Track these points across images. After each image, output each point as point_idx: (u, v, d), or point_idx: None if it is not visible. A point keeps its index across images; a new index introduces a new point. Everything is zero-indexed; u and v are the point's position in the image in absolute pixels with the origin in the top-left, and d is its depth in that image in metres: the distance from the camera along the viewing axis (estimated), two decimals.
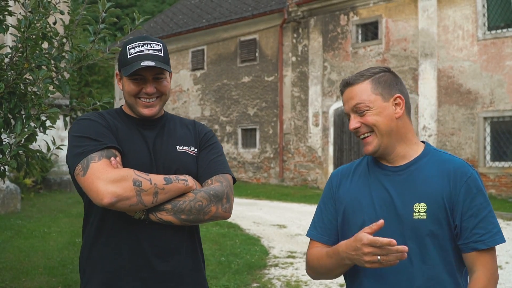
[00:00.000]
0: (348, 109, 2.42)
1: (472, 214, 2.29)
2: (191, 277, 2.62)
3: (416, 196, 2.32)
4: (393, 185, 2.39)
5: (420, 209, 2.30)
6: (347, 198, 2.50)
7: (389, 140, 2.39)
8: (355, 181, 2.52)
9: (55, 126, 4.16)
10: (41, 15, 3.81)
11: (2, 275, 7.64)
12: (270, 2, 25.81)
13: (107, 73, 38.47)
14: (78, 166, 2.40)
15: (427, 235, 2.29)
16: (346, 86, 2.44)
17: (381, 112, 2.37)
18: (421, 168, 2.39)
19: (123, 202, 2.31)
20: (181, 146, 2.67)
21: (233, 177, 2.72)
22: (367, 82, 2.41)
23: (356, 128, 2.39)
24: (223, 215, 2.55)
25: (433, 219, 2.29)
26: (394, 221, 2.33)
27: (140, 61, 2.51)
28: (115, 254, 2.50)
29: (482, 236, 2.28)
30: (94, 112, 2.67)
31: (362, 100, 2.38)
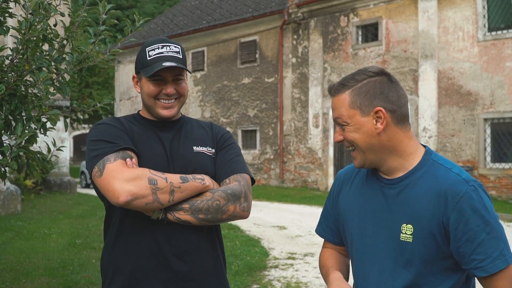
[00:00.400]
0: (333, 119, 2.27)
1: (468, 238, 2.06)
2: (212, 278, 2.61)
3: (404, 216, 2.15)
4: (386, 199, 2.23)
5: (407, 231, 2.13)
6: (343, 204, 2.41)
7: (375, 155, 2.21)
8: (353, 187, 2.39)
9: (56, 128, 4.17)
10: (41, 17, 3.81)
11: (2, 276, 7.64)
12: (270, 3, 25.83)
13: (108, 74, 38.54)
14: (95, 168, 2.42)
15: (412, 257, 2.13)
16: (331, 95, 2.27)
17: (359, 129, 2.17)
18: (414, 183, 2.18)
19: (139, 201, 2.32)
20: (198, 147, 2.68)
21: (252, 178, 2.72)
22: (347, 93, 2.20)
23: (339, 141, 2.24)
24: (241, 214, 2.54)
25: (419, 243, 2.11)
26: (380, 239, 2.21)
27: (161, 62, 2.55)
28: (134, 255, 2.51)
29: (481, 262, 2.05)
30: (111, 117, 2.69)
31: (340, 114, 2.20)
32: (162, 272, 2.49)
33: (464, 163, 18.62)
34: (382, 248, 2.20)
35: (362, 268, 2.28)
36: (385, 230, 2.20)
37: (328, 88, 2.30)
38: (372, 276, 2.23)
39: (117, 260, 2.56)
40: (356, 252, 2.29)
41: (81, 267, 8.23)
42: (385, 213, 2.21)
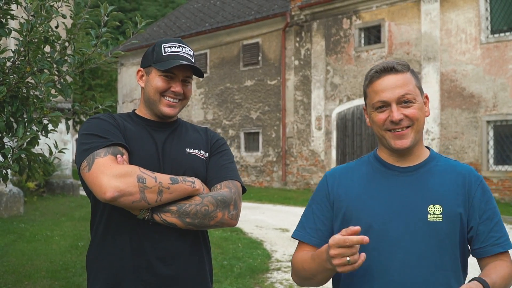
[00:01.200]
0: (391, 97, 2.23)
1: (488, 217, 2.25)
2: (195, 284, 2.58)
3: (430, 198, 2.23)
4: (403, 185, 2.28)
5: (436, 211, 2.20)
6: (349, 198, 2.35)
7: (419, 137, 2.31)
8: (357, 181, 2.38)
9: (58, 130, 4.16)
10: (43, 19, 3.81)
11: (5, 278, 7.64)
12: (273, 6, 25.84)
13: (110, 77, 38.53)
14: (84, 162, 2.40)
15: (443, 237, 2.20)
16: (388, 72, 2.26)
17: (421, 108, 2.27)
18: (431, 170, 2.31)
19: (126, 198, 2.29)
20: (191, 149, 2.66)
21: (243, 186, 2.69)
22: (409, 73, 2.29)
23: (401, 119, 2.22)
24: (229, 222, 2.51)
25: (449, 222, 2.21)
26: (406, 223, 2.22)
27: (178, 60, 2.56)
28: (118, 255, 2.49)
29: (499, 239, 2.24)
30: (105, 113, 2.68)
31: (410, 91, 2.24)
32: (145, 274, 2.47)
33: None
34: (408, 231, 2.21)
35: (381, 258, 2.23)
36: (409, 215, 2.23)
37: (381, 66, 2.29)
38: (396, 262, 2.20)
39: (101, 258, 2.54)
40: (374, 242, 2.16)
41: (84, 269, 8.22)
42: (408, 198, 2.25)
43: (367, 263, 2.17)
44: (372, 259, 2.22)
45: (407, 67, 2.29)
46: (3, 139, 3.80)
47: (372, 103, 2.29)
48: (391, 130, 2.26)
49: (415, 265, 2.18)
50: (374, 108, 2.28)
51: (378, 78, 2.27)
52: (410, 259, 2.19)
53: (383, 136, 2.29)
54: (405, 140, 2.24)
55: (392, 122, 2.23)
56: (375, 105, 2.27)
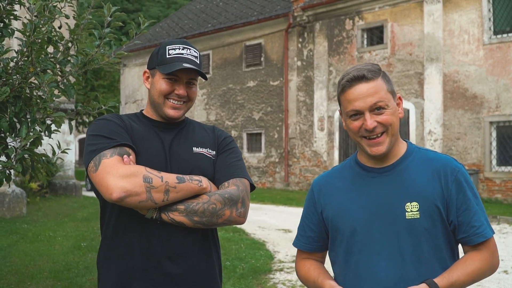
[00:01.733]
0: (363, 106, 2.26)
1: (466, 208, 2.28)
2: (204, 282, 2.59)
3: (407, 196, 2.29)
4: (381, 186, 2.35)
5: (413, 208, 2.26)
6: (334, 204, 2.45)
7: (395, 139, 2.34)
8: (340, 187, 2.47)
9: (61, 130, 4.17)
10: (46, 19, 3.81)
11: (7, 279, 7.65)
12: (275, 6, 25.85)
13: (113, 77, 38.59)
14: (91, 163, 2.41)
15: (421, 233, 2.26)
16: (359, 80, 2.28)
17: (394, 113, 2.31)
18: (408, 167, 2.36)
19: (133, 198, 2.30)
20: (198, 148, 2.66)
21: (251, 184, 2.69)
22: (381, 78, 2.32)
23: (375, 126, 2.27)
24: (237, 219, 2.51)
25: (426, 217, 2.26)
26: (386, 222, 2.29)
27: (181, 62, 2.55)
28: (128, 254, 2.49)
29: (479, 228, 2.28)
30: (112, 114, 2.69)
31: (382, 98, 2.27)
32: (154, 273, 2.48)
33: (469, 167, 18.58)
34: (389, 232, 2.29)
35: (368, 259, 2.32)
36: (389, 215, 2.30)
37: (351, 76, 2.30)
38: (382, 263, 2.28)
39: (111, 258, 2.55)
40: (360, 244, 2.33)
41: (86, 270, 8.23)
42: (386, 199, 2.32)
43: (356, 266, 2.34)
44: (360, 261, 2.34)
45: (378, 72, 2.32)
46: (6, 139, 3.80)
47: (346, 111, 2.34)
48: (366, 137, 2.31)
49: (399, 262, 2.26)
50: (348, 116, 2.33)
51: (350, 87, 2.30)
52: (394, 257, 2.27)
53: (359, 143, 2.36)
54: (381, 146, 2.30)
55: (366, 130, 2.29)
56: (349, 113, 2.32)
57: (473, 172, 18.14)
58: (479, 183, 18.38)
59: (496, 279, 8.05)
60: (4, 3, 3.90)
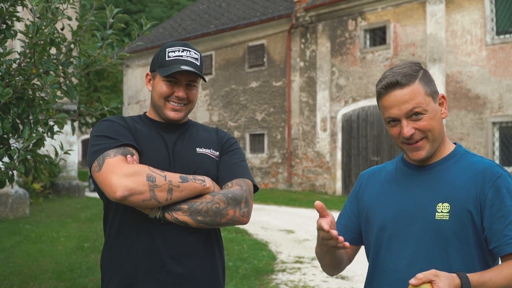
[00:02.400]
0: (399, 113, 2.22)
1: (502, 215, 2.16)
2: (207, 282, 2.59)
3: (439, 196, 2.23)
4: (417, 184, 2.31)
5: (443, 209, 2.20)
6: (370, 196, 2.45)
7: (437, 143, 2.29)
8: (381, 180, 2.46)
9: (63, 131, 4.18)
10: (49, 21, 3.83)
11: (10, 279, 7.67)
12: (278, 7, 25.87)
13: (116, 78, 38.64)
14: (95, 163, 2.43)
15: (449, 236, 2.19)
16: (393, 87, 2.22)
17: (435, 116, 2.24)
18: (448, 168, 2.30)
19: (136, 197, 2.31)
20: (202, 149, 2.67)
21: (255, 184, 2.70)
22: (418, 82, 2.23)
23: (412, 134, 2.21)
24: (240, 219, 2.52)
25: (456, 220, 2.19)
26: (415, 220, 2.25)
27: (179, 65, 2.56)
28: (131, 254, 2.50)
29: (503, 244, 2.15)
30: (116, 116, 2.70)
31: (419, 103, 2.20)
32: (158, 273, 2.48)
33: None
34: (417, 230, 2.25)
35: (393, 255, 2.30)
36: (419, 212, 2.25)
37: (387, 82, 2.24)
38: (405, 260, 2.26)
39: (115, 258, 2.56)
40: (387, 240, 2.32)
41: (89, 270, 8.25)
42: (419, 197, 2.28)
43: (382, 261, 2.33)
44: (386, 256, 2.32)
45: (415, 75, 2.25)
46: (9, 140, 3.82)
47: (384, 117, 2.30)
48: (406, 143, 2.26)
49: (422, 263, 2.20)
50: (386, 122, 2.30)
51: (385, 94, 2.25)
52: (417, 257, 2.23)
53: (401, 148, 2.32)
54: (421, 151, 2.25)
55: (404, 137, 2.24)
56: (386, 119, 2.28)
57: None
58: None
59: None
60: (6, 4, 3.91)
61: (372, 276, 2.40)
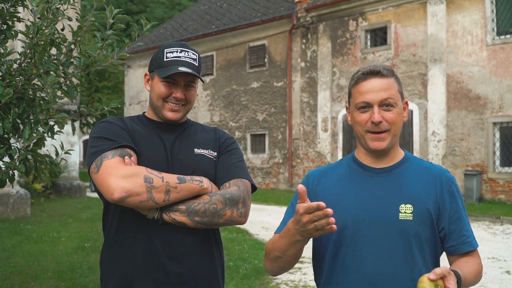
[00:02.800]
0: (374, 99, 2.33)
1: (458, 217, 2.36)
2: (206, 282, 2.60)
3: (402, 198, 2.33)
4: (377, 186, 2.39)
5: (406, 210, 2.30)
6: (326, 197, 2.39)
7: (396, 140, 2.40)
8: (335, 181, 2.49)
9: (64, 132, 4.20)
10: (49, 22, 3.85)
11: (11, 279, 7.69)
12: (279, 8, 25.89)
13: (117, 79, 38.66)
14: (93, 164, 2.45)
15: (412, 236, 2.30)
16: (374, 75, 2.36)
17: (400, 114, 2.38)
18: (405, 171, 2.41)
19: (133, 198, 2.33)
20: (199, 149, 2.68)
21: (253, 184, 2.71)
22: (394, 78, 2.40)
23: (381, 121, 2.33)
24: (238, 219, 2.53)
25: (419, 221, 2.30)
26: (378, 221, 2.32)
27: (177, 66, 2.58)
28: (130, 254, 2.52)
29: (468, 238, 2.36)
30: (114, 117, 2.71)
31: (392, 95, 2.35)
32: (156, 273, 2.49)
33: (473, 167, 18.58)
34: (381, 229, 2.32)
35: (356, 253, 2.34)
36: (382, 214, 2.33)
37: (367, 70, 2.38)
38: (369, 259, 2.31)
39: (114, 258, 2.57)
40: (349, 238, 2.35)
41: (90, 270, 8.27)
42: (381, 198, 2.35)
43: (343, 258, 2.37)
44: (348, 255, 2.36)
45: (392, 72, 2.41)
46: (9, 140, 3.84)
47: (355, 103, 2.39)
48: (370, 131, 2.36)
49: (386, 260, 2.29)
50: (357, 108, 2.39)
51: (364, 79, 2.37)
52: (381, 255, 2.30)
53: (363, 136, 2.40)
54: (382, 142, 2.35)
55: (372, 123, 2.34)
56: (358, 105, 2.37)
57: (476, 173, 18.13)
58: (482, 184, 18.38)
59: (498, 279, 8.07)
60: (7, 5, 3.93)
61: (330, 274, 2.42)
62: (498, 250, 10.32)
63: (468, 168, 18.72)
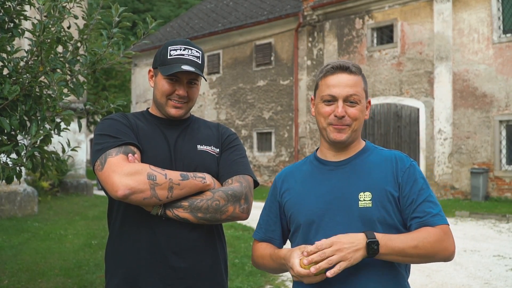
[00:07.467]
0: (340, 93, 2.39)
1: (413, 199, 2.35)
2: (210, 277, 2.64)
3: (360, 186, 2.38)
4: (337, 178, 2.44)
5: (365, 198, 2.35)
6: (292, 193, 2.53)
7: (356, 135, 2.47)
8: (298, 180, 2.55)
9: (71, 129, 4.23)
10: (55, 20, 3.87)
11: (18, 276, 7.73)
12: (285, 6, 25.88)
13: (124, 77, 38.69)
14: (97, 162, 2.48)
15: (374, 222, 2.33)
16: (343, 70, 2.43)
17: (363, 111, 2.45)
18: (363, 161, 2.47)
19: (137, 195, 2.36)
20: (202, 146, 2.70)
21: (255, 180, 2.74)
22: (361, 77, 2.47)
23: (343, 116, 2.39)
24: (240, 215, 2.57)
25: (379, 206, 2.34)
26: (341, 211, 2.36)
27: (180, 64, 2.60)
28: (134, 250, 2.55)
29: (422, 218, 2.32)
30: (118, 113, 2.75)
31: (358, 92, 2.41)
32: (160, 268, 2.53)
33: (479, 165, 18.55)
34: (343, 219, 2.36)
35: None
36: (343, 204, 2.37)
37: (336, 65, 2.45)
38: None
39: (118, 253, 2.61)
40: (315, 232, 2.39)
41: (97, 267, 8.30)
42: (341, 189, 2.40)
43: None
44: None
45: (360, 70, 2.48)
46: (16, 137, 3.87)
47: (321, 95, 2.46)
48: (333, 124, 2.42)
49: None
50: (322, 100, 2.46)
51: (332, 73, 2.44)
52: None
53: (325, 129, 2.46)
54: (342, 134, 2.42)
55: (335, 116, 2.40)
56: (324, 97, 2.44)
57: (482, 171, 18.10)
58: (488, 182, 18.35)
59: (503, 277, 8.07)
60: (14, 3, 3.96)
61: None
62: (504, 248, 10.31)
63: (474, 166, 18.69)
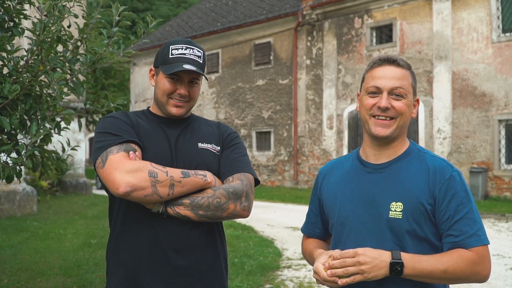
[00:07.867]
0: (385, 85, 2.32)
1: (450, 215, 2.24)
2: (210, 274, 2.64)
3: (393, 195, 2.30)
4: (373, 182, 2.38)
5: (396, 208, 2.28)
6: (328, 193, 2.55)
7: (401, 132, 2.38)
8: (337, 176, 2.54)
9: (71, 129, 4.22)
10: (55, 19, 3.87)
11: (18, 275, 7.73)
12: (284, 5, 25.89)
13: (123, 77, 38.71)
14: (98, 159, 2.49)
15: (403, 234, 2.26)
16: (390, 63, 2.37)
17: (409, 106, 2.36)
18: (402, 167, 2.37)
19: (138, 192, 2.36)
20: (203, 144, 2.71)
21: (256, 178, 2.74)
22: (409, 72, 2.39)
23: (388, 107, 2.31)
24: (241, 213, 2.57)
25: (409, 219, 2.26)
26: (372, 218, 2.33)
27: (182, 63, 2.60)
28: (135, 248, 2.56)
29: (457, 237, 2.22)
30: (119, 111, 2.75)
31: (404, 85, 2.33)
32: (161, 266, 2.53)
33: (478, 165, 18.56)
34: (373, 228, 2.32)
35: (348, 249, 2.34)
36: (375, 211, 2.33)
37: (384, 57, 2.39)
38: None
39: (119, 251, 2.61)
40: (345, 235, 2.40)
41: (96, 266, 8.30)
42: (375, 195, 2.34)
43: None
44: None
45: (409, 66, 2.40)
46: (17, 136, 3.87)
47: (366, 87, 2.39)
48: (375, 116, 2.35)
49: None
50: (366, 92, 2.38)
51: (379, 65, 2.38)
52: None
53: (367, 121, 2.39)
54: (386, 129, 2.33)
55: (379, 108, 2.33)
56: (369, 89, 2.37)
57: (482, 170, 18.11)
58: (488, 181, 18.36)
59: (503, 276, 8.07)
60: (14, 2, 3.96)
61: None
62: (503, 247, 10.31)
63: (473, 165, 18.70)
